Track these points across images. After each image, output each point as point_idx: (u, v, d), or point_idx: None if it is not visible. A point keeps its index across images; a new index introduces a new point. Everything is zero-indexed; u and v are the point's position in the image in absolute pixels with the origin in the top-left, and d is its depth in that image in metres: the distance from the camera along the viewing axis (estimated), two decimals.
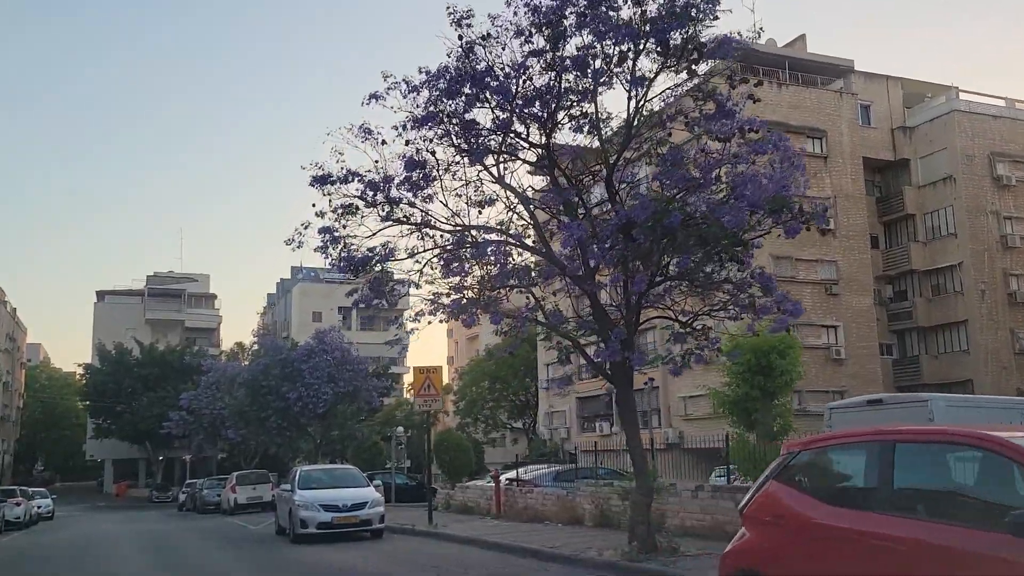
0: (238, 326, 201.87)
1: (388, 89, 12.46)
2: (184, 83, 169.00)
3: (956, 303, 41.59)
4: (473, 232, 12.57)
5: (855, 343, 40.19)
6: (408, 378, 77.68)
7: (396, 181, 12.35)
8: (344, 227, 12.70)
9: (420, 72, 12.28)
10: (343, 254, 12.71)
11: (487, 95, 11.24)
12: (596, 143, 11.94)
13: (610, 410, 48.13)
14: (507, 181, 12.96)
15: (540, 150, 11.91)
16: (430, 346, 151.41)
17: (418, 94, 12.32)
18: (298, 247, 12.78)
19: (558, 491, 19.16)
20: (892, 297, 44.96)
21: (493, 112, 11.47)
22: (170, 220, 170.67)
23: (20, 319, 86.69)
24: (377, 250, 12.70)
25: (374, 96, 12.46)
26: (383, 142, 12.66)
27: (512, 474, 24.50)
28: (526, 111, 11.43)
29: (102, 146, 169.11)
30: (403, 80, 12.39)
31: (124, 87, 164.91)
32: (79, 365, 69.38)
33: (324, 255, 12.90)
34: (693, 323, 12.90)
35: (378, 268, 12.90)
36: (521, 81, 11.08)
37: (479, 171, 12.84)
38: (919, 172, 43.40)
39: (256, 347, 60.14)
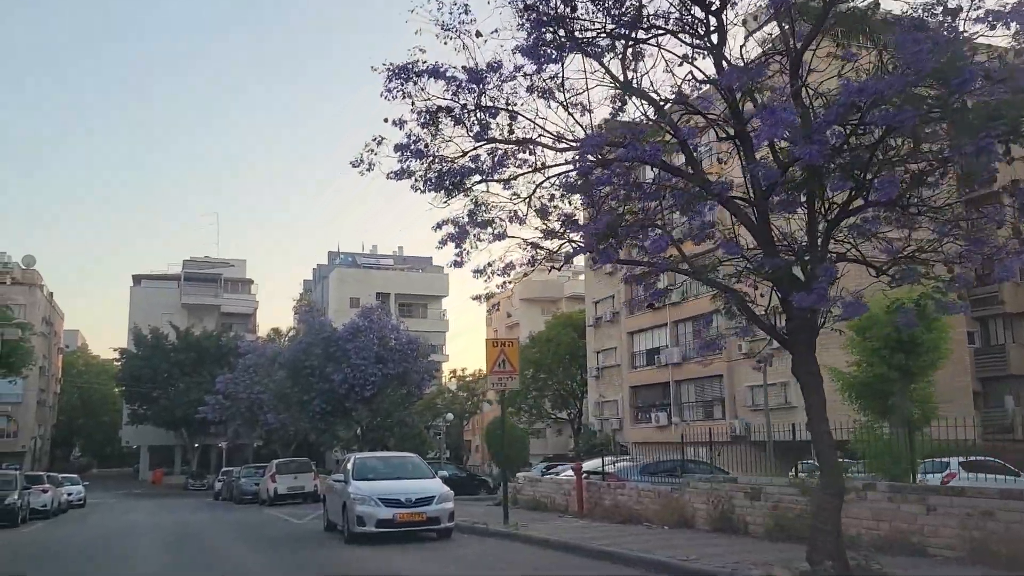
0: (274, 313, 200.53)
1: None
2: (221, 66, 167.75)
3: None
4: (606, 147, 9.33)
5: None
6: (448, 367, 74.94)
7: (505, 74, 9.14)
8: (427, 145, 9.54)
9: None
10: (430, 173, 9.53)
11: None
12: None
13: (667, 399, 44.79)
14: (634, 85, 9.73)
15: (710, 17, 8.64)
16: (466, 335, 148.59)
17: None
18: (368, 169, 9.64)
19: (659, 488, 15.93)
20: (974, 281, 41.13)
21: None
22: (206, 205, 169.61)
23: (57, 304, 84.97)
24: (483, 160, 9.50)
25: None
26: (478, 34, 9.48)
27: (591, 464, 21.30)
28: None
29: (139, 129, 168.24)
30: None
31: (162, 68, 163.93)
32: (115, 350, 67.26)
33: (402, 177, 9.73)
34: (889, 268, 9.64)
35: (481, 186, 9.69)
36: None
37: (601, 72, 9.62)
38: None
39: (293, 332, 57.46)
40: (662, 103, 9.56)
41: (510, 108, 9.59)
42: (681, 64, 9.22)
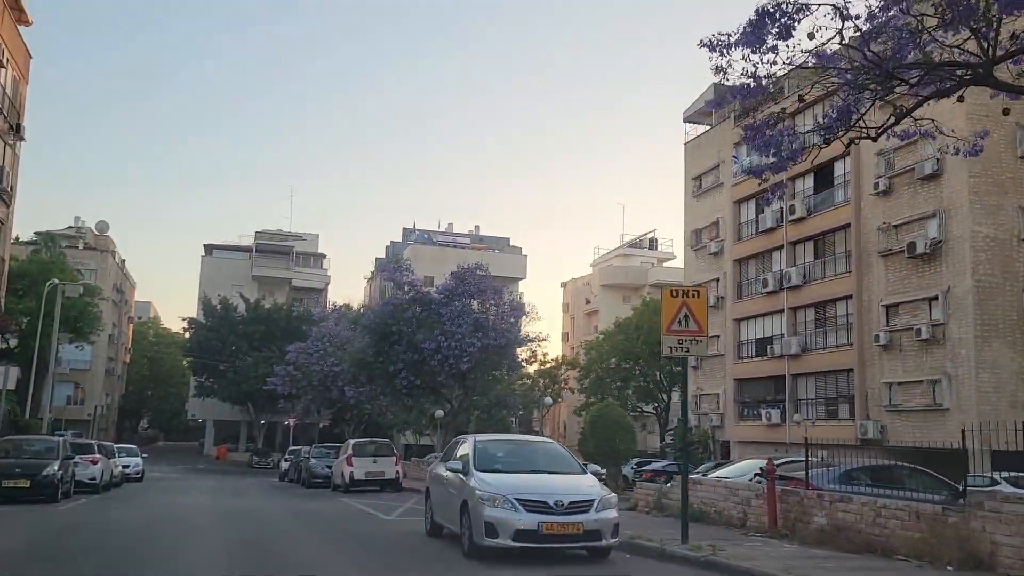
0: (345, 292, 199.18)
1: None
2: (297, 41, 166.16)
3: None
4: None
5: None
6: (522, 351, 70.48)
7: None
8: None
9: None
10: None
11: None
12: None
13: (780, 395, 39.47)
14: None
15: None
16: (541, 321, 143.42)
17: None
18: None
19: (920, 506, 10.97)
20: None
21: None
22: (281, 179, 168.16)
23: (129, 273, 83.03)
24: None
25: None
26: None
27: (781, 461, 16.39)
28: None
29: (217, 102, 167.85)
30: None
31: (243, 44, 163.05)
32: (183, 319, 64.48)
33: None
34: None
35: None
36: None
37: None
38: None
39: (364, 308, 53.45)
40: None
41: None
42: None
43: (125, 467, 33.45)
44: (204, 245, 75.44)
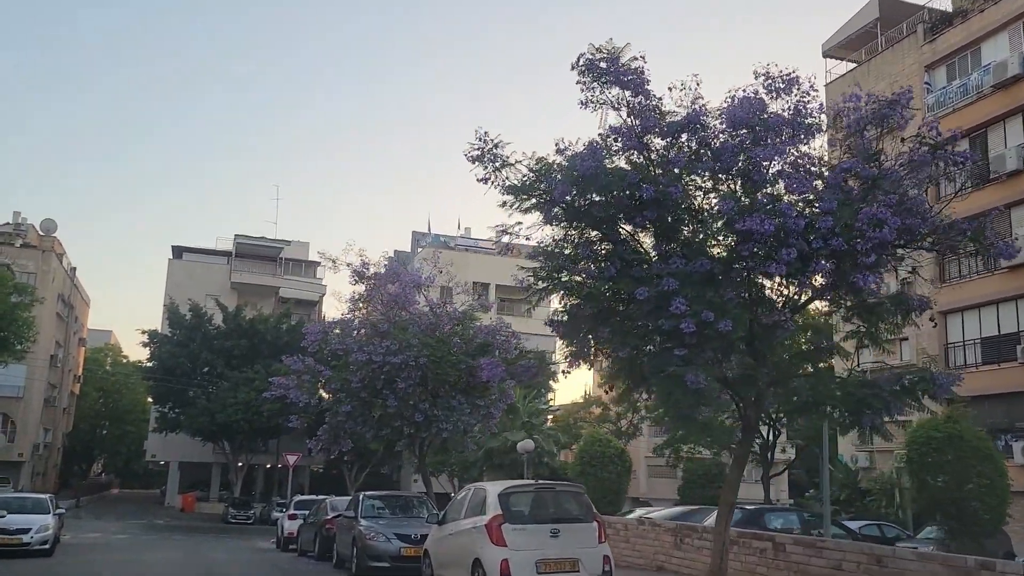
0: (338, 309, 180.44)
1: None
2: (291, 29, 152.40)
3: None
4: None
5: None
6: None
7: None
8: None
9: None
10: None
11: None
12: None
13: None
14: None
15: None
16: None
17: None
18: None
19: None
20: None
21: None
22: (264, 181, 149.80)
23: (81, 286, 67.09)
24: None
25: None
26: None
27: None
28: None
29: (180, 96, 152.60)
30: None
31: (220, 36, 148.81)
32: (143, 332, 48.82)
33: None
34: None
35: None
36: None
37: None
38: None
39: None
40: None
41: None
42: None
43: (18, 532, 18.25)
44: (172, 247, 60.00)
